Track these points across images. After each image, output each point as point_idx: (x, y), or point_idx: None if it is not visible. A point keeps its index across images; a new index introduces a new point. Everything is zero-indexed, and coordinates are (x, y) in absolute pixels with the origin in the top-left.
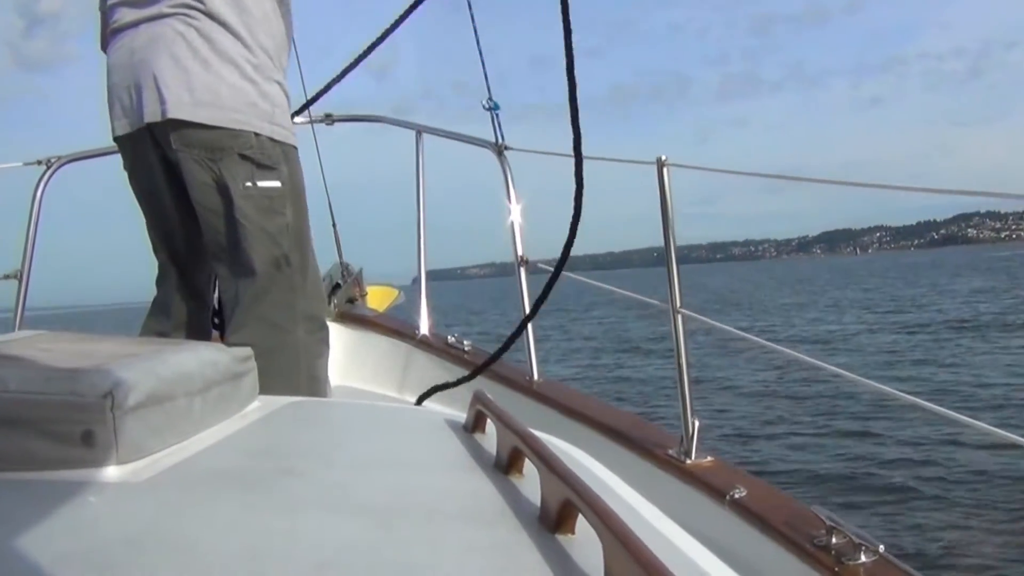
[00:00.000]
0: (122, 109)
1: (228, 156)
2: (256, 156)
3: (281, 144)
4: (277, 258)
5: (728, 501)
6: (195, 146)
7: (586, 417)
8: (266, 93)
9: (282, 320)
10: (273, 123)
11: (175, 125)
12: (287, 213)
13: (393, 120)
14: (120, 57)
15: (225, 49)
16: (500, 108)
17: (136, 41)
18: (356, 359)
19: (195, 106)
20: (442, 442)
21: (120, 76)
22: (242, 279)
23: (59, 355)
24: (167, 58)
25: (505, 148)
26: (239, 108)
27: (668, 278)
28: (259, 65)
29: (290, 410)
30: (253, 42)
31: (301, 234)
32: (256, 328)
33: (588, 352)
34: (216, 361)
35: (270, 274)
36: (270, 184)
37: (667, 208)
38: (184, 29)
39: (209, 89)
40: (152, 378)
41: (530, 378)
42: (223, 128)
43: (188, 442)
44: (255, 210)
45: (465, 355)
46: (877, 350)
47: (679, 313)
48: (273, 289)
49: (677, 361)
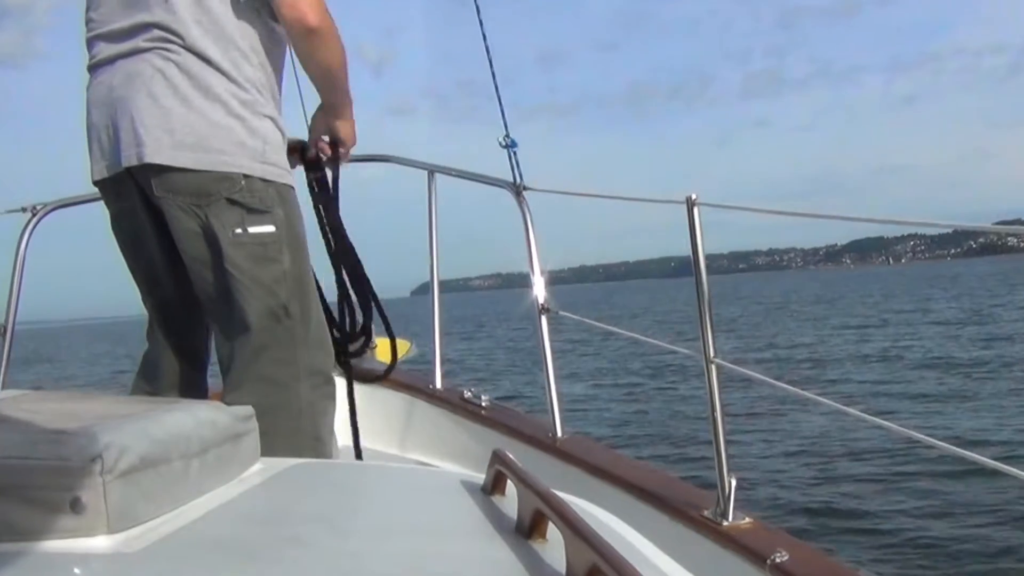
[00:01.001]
0: (100, 151)
1: (215, 201)
2: (246, 199)
3: (275, 184)
4: (274, 310)
5: (769, 566)
6: (178, 192)
7: (614, 476)
8: (255, 129)
9: (282, 376)
10: (265, 162)
11: (155, 170)
12: (283, 260)
13: (403, 160)
14: (98, 94)
15: (208, 85)
16: (517, 145)
17: (115, 78)
18: (364, 416)
19: (176, 148)
20: (459, 505)
21: (98, 115)
22: (236, 336)
23: (45, 416)
24: (145, 97)
25: (524, 188)
26: (225, 148)
27: (700, 325)
28: (247, 101)
29: (294, 473)
30: (239, 75)
31: (301, 281)
32: (254, 387)
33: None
34: (214, 421)
35: (267, 328)
36: (263, 229)
37: (698, 250)
38: (162, 64)
39: (191, 129)
40: (145, 440)
41: (553, 434)
42: (207, 171)
43: (184, 509)
44: (247, 259)
45: (483, 411)
46: None
47: (712, 363)
48: (271, 344)
49: (711, 415)
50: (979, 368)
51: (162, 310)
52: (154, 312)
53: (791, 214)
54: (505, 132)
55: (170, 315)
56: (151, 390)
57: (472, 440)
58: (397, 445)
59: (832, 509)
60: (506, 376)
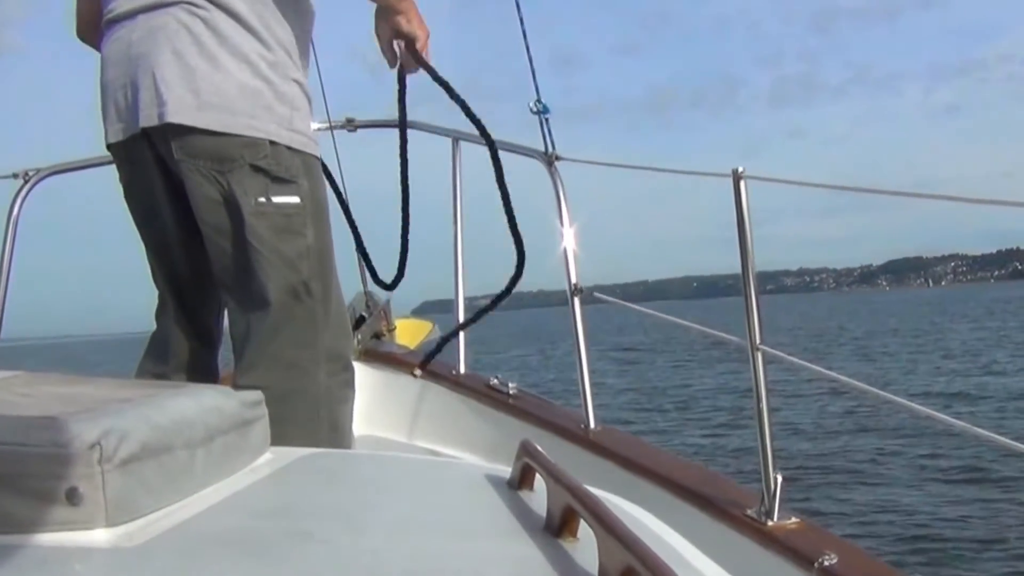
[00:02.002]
0: (116, 112)
1: (238, 167)
2: (271, 167)
3: (301, 154)
4: (295, 286)
5: (817, 569)
6: (200, 155)
7: (650, 471)
8: (284, 95)
9: (301, 359)
10: (292, 130)
11: (176, 131)
12: (308, 234)
13: (427, 126)
14: (115, 51)
15: (236, 44)
16: (550, 112)
17: (134, 33)
18: (383, 404)
19: (200, 109)
20: (484, 501)
21: (114, 73)
22: (254, 311)
23: (39, 400)
24: (168, 53)
25: (557, 158)
26: (252, 112)
27: (746, 309)
28: (276, 62)
29: (307, 463)
30: (269, 36)
31: (324, 258)
32: (270, 368)
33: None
34: (221, 407)
35: (287, 305)
36: (287, 200)
37: (745, 228)
38: (189, 20)
39: (217, 90)
40: (146, 426)
41: (585, 426)
42: (233, 135)
43: (188, 501)
44: (270, 230)
45: (510, 399)
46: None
47: (759, 350)
48: (290, 323)
49: (756, 406)
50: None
51: (174, 284)
52: (166, 287)
53: (846, 189)
54: (536, 96)
55: (182, 290)
56: (159, 372)
57: (498, 431)
58: (418, 435)
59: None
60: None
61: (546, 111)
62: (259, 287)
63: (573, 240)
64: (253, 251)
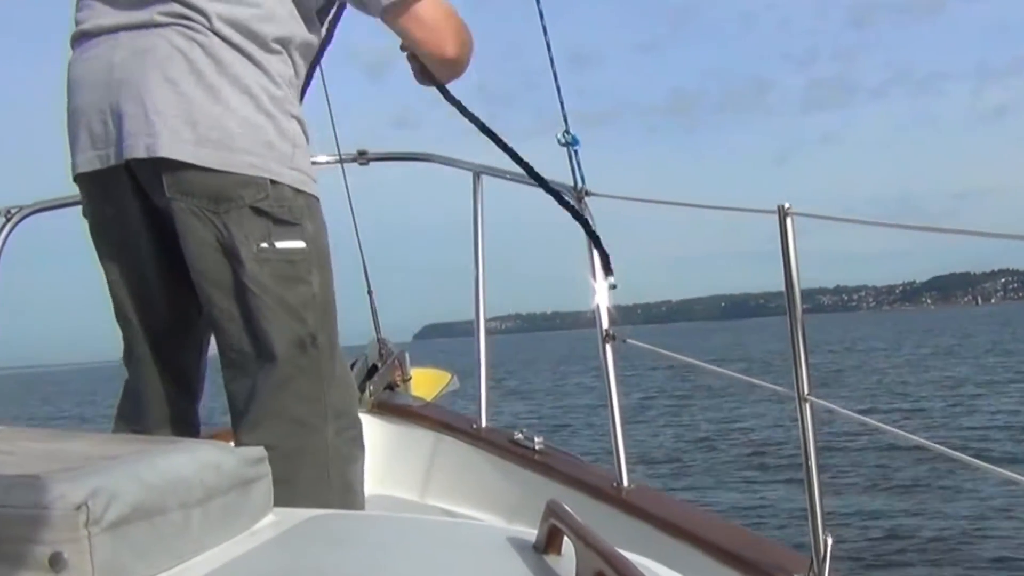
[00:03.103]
0: (90, 139)
1: (236, 208)
2: (273, 209)
3: (304, 194)
4: (302, 338)
5: None
6: (194, 194)
7: (689, 533)
8: (285, 131)
9: (308, 416)
10: (294, 168)
11: (169, 166)
12: (312, 281)
13: (445, 159)
14: (91, 72)
15: (238, 74)
16: (579, 144)
17: (117, 53)
18: (398, 461)
19: (198, 144)
20: (507, 566)
21: (90, 97)
22: (256, 366)
23: (20, 457)
24: (160, 79)
25: (587, 193)
26: (253, 149)
27: (793, 355)
28: (278, 97)
29: (313, 526)
30: (271, 68)
31: (328, 307)
32: (275, 426)
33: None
34: (219, 464)
35: (293, 358)
36: (292, 245)
37: (791, 269)
38: (185, 45)
39: (217, 123)
40: (137, 485)
41: (618, 484)
42: (232, 173)
43: (184, 567)
44: (273, 278)
45: (535, 456)
46: None
47: (807, 401)
48: (297, 378)
49: (804, 462)
50: None
51: (149, 327)
52: (139, 330)
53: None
54: (564, 127)
55: (159, 334)
56: (137, 428)
57: (522, 490)
58: (434, 494)
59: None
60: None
61: (575, 143)
62: (262, 339)
63: (604, 282)
64: (255, 300)
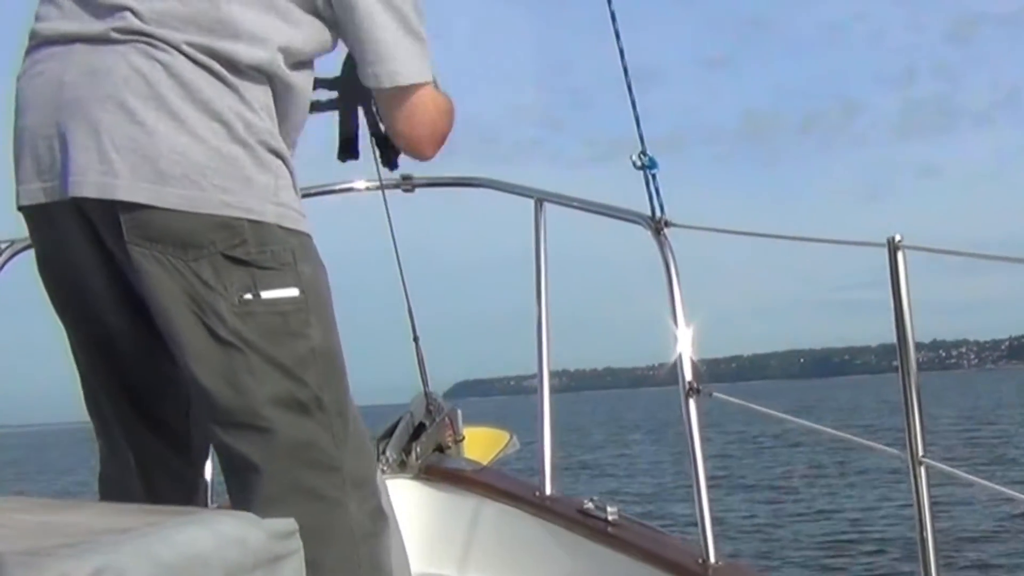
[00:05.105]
0: (36, 167)
1: (210, 255)
2: (253, 255)
3: (294, 232)
4: (303, 401)
5: None
6: (158, 240)
7: None
8: (266, 162)
9: (326, 489)
10: (279, 203)
11: (126, 207)
12: (311, 334)
13: (502, 185)
14: (39, 89)
15: (207, 98)
16: (658, 167)
17: (68, 70)
18: (449, 533)
19: (160, 182)
20: None
21: (36, 118)
22: (248, 440)
23: (16, 531)
24: (114, 106)
25: (667, 224)
26: (227, 185)
27: (905, 412)
28: (254, 124)
29: None
30: (247, 92)
31: (333, 361)
32: (294, 501)
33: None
34: (244, 539)
35: (294, 424)
36: (282, 294)
37: (903, 310)
38: (145, 65)
39: (182, 156)
40: (149, 564)
41: (704, 560)
42: (202, 214)
43: None
44: (260, 334)
45: (609, 528)
46: None
47: (922, 464)
48: (303, 447)
49: (919, 532)
50: None
51: (125, 390)
52: (119, 397)
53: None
54: (641, 148)
55: (140, 398)
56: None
57: (594, 567)
58: (491, 573)
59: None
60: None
61: (653, 166)
62: (252, 408)
63: (686, 327)
64: (240, 360)
